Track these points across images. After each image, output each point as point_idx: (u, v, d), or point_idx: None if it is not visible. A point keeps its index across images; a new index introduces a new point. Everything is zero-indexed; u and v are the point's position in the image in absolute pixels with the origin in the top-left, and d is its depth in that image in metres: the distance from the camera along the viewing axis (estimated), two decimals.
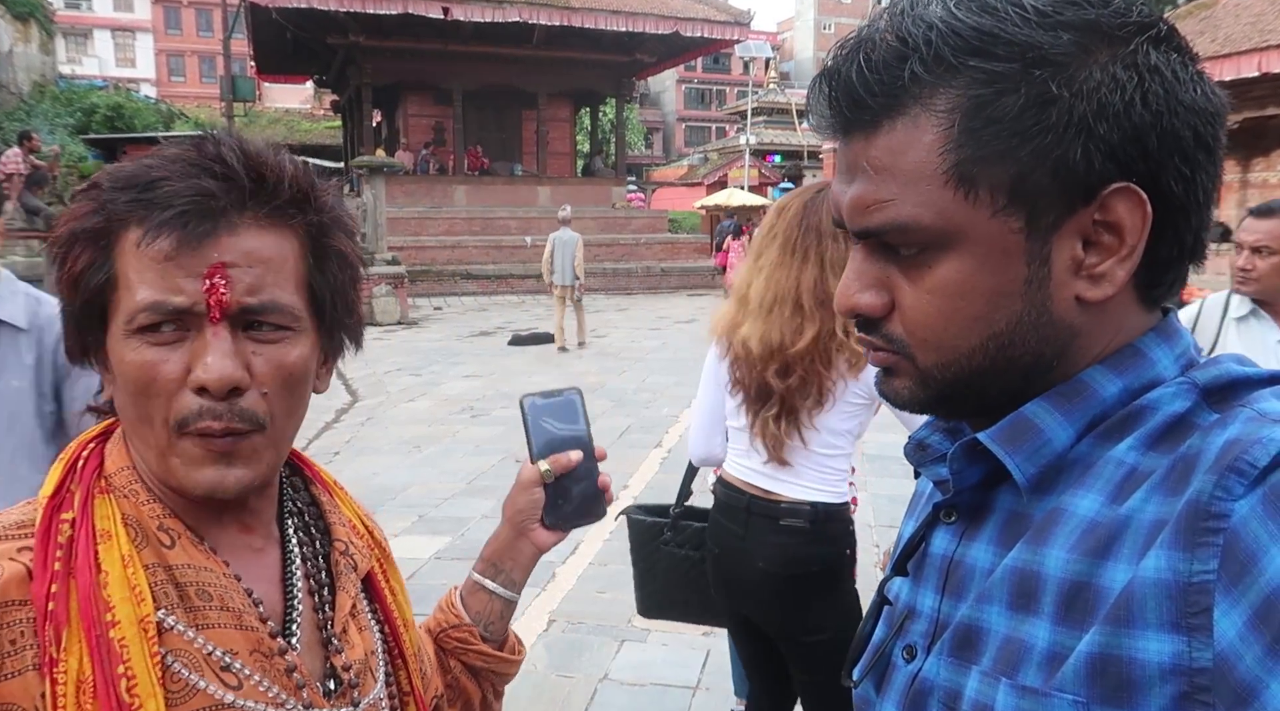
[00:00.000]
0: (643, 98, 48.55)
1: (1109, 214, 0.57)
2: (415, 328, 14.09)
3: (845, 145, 0.62)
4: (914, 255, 0.59)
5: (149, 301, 0.68)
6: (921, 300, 0.60)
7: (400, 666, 0.87)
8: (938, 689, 0.61)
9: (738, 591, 2.12)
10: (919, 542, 0.69)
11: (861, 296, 0.63)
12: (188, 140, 0.73)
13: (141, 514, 0.71)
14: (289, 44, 21.35)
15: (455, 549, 4.79)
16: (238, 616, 0.72)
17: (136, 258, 0.69)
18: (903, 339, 0.62)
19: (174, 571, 0.70)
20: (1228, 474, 0.49)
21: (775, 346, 1.95)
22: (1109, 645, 0.51)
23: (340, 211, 0.78)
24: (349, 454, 6.77)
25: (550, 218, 20.91)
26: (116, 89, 26.83)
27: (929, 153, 0.57)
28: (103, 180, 0.71)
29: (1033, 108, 0.54)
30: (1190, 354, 0.61)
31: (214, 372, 0.68)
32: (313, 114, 39.23)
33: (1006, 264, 0.58)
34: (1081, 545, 0.55)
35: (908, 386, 0.64)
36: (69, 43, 44.37)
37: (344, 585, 0.82)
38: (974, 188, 0.56)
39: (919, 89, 0.56)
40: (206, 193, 0.69)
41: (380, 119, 25.29)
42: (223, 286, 0.68)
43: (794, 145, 33.29)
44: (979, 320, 0.59)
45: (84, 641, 0.64)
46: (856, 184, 0.60)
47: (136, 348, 0.68)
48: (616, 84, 23.59)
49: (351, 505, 0.92)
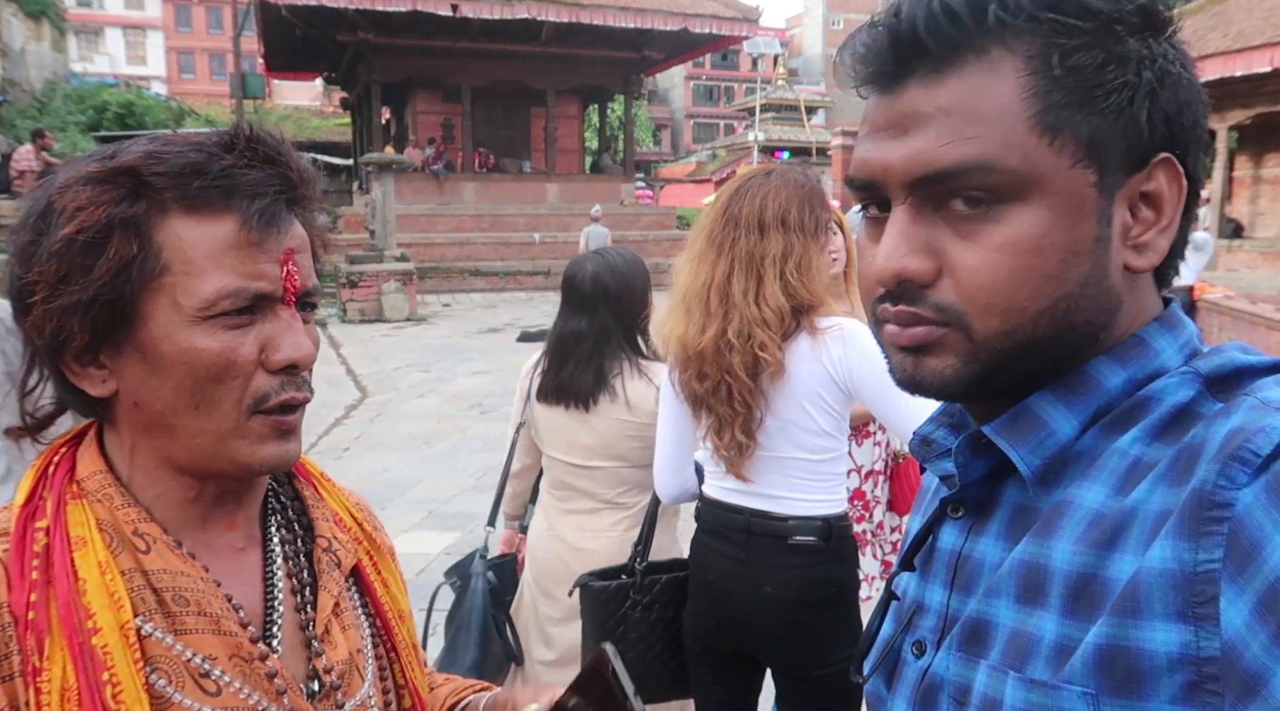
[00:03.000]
0: (651, 94, 48.51)
1: (1152, 183, 0.58)
2: (424, 324, 14.12)
3: (895, 96, 0.59)
4: (979, 210, 0.57)
5: (233, 287, 0.69)
6: (990, 259, 0.56)
7: (394, 659, 0.87)
8: (948, 683, 0.61)
9: (737, 623, 1.87)
10: (926, 537, 0.69)
11: (910, 260, 0.58)
12: (217, 130, 0.74)
13: (116, 519, 0.71)
14: (299, 41, 21.38)
15: (464, 544, 4.81)
16: (216, 621, 0.71)
17: (204, 243, 0.68)
18: (956, 306, 0.58)
19: (151, 577, 0.70)
20: (1231, 463, 0.49)
21: (689, 345, 1.83)
22: (1116, 636, 0.51)
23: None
24: (358, 450, 6.80)
25: (558, 215, 20.97)
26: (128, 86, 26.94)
27: (1012, 97, 0.56)
28: (141, 165, 0.68)
29: (1111, 63, 0.56)
30: (1194, 343, 0.61)
31: (303, 351, 0.72)
32: (322, 111, 39.31)
33: (1081, 219, 0.57)
34: (1088, 537, 0.55)
35: (950, 365, 0.59)
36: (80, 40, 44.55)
37: (326, 584, 0.82)
38: (1058, 135, 0.56)
39: (1001, 32, 0.56)
40: (285, 180, 0.72)
41: (389, 116, 25.32)
42: (296, 272, 0.72)
43: (803, 142, 33.19)
44: (1052, 279, 0.57)
45: (66, 649, 0.64)
46: (918, 133, 0.57)
47: (213, 332, 0.69)
48: (625, 81, 23.55)
49: (339, 497, 0.91)
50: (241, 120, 0.75)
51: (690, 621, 1.98)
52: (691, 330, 1.83)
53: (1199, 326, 0.65)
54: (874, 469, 2.57)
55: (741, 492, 1.87)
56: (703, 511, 1.96)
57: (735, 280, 1.80)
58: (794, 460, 1.83)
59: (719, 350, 1.80)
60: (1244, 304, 8.30)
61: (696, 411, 1.89)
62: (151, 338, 0.69)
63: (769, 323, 1.77)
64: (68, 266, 0.67)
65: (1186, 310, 0.74)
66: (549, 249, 20.04)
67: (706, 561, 1.92)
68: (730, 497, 1.89)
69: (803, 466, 1.83)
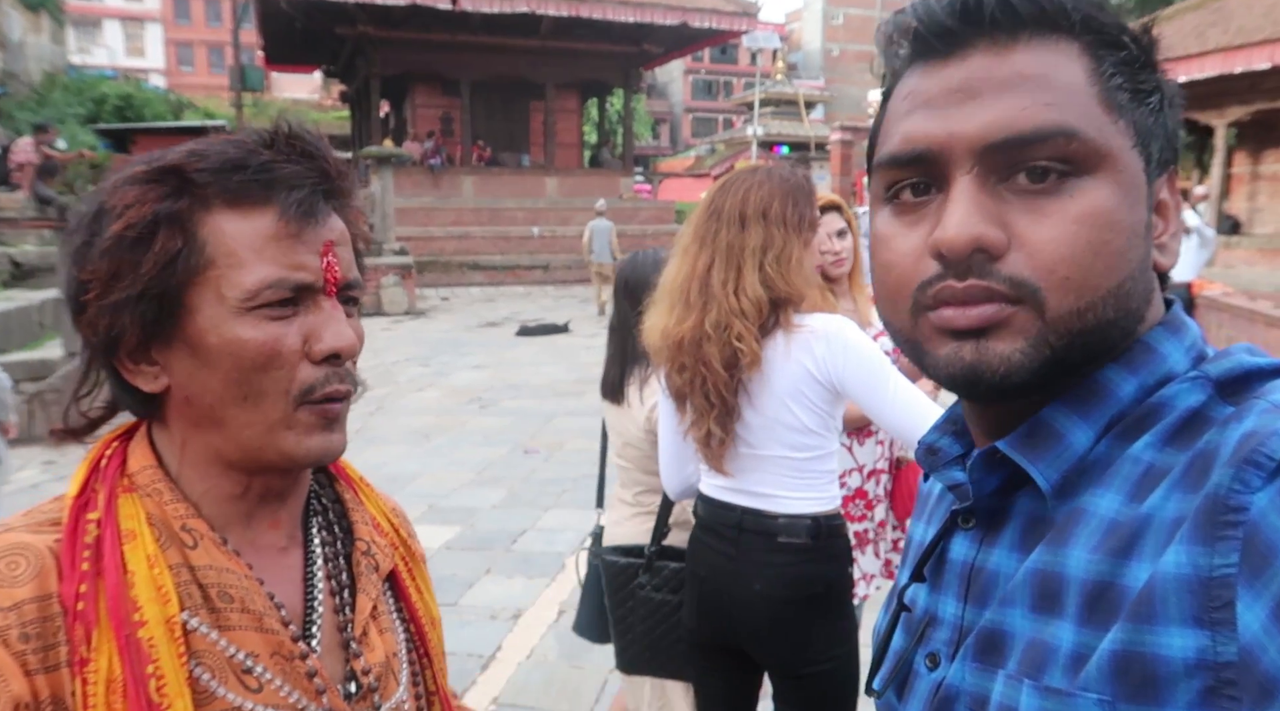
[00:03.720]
0: (650, 89, 48.38)
1: (1163, 192, 0.61)
2: (423, 318, 14.12)
3: (958, 63, 0.58)
4: (1052, 183, 0.56)
5: (275, 277, 0.70)
6: (1068, 231, 0.55)
7: (426, 666, 0.88)
8: (964, 695, 0.61)
9: (728, 618, 1.89)
10: (935, 548, 0.68)
11: (988, 228, 0.56)
12: (203, 130, 0.76)
13: (165, 514, 0.72)
14: (298, 34, 21.33)
15: (465, 539, 4.83)
16: (259, 619, 0.72)
17: (246, 236, 0.70)
18: (1031, 280, 0.55)
19: (197, 572, 0.71)
20: (1245, 467, 0.49)
21: (668, 337, 1.84)
22: (1132, 642, 0.50)
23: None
24: (359, 444, 6.81)
25: (557, 209, 20.94)
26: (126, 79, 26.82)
27: (1080, 74, 0.57)
28: (184, 163, 0.71)
29: (1146, 68, 0.60)
30: (1199, 345, 0.61)
31: (345, 340, 0.73)
32: (321, 104, 39.24)
33: (1138, 201, 0.58)
34: (1103, 545, 0.54)
35: (1018, 348, 0.56)
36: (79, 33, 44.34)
37: (364, 586, 0.83)
38: (1122, 116, 0.57)
39: (1063, 19, 0.58)
40: (322, 174, 0.73)
41: (388, 109, 25.27)
42: (336, 263, 0.74)
43: (801, 137, 33.13)
44: (1121, 257, 0.56)
45: (114, 641, 0.65)
46: (994, 98, 0.56)
47: (257, 324, 0.70)
48: (624, 75, 23.50)
49: (377, 502, 0.92)
50: (280, 119, 0.76)
51: (687, 615, 2.00)
52: (672, 321, 1.85)
53: (1198, 322, 0.66)
54: (876, 468, 2.57)
55: (734, 490, 1.88)
56: (699, 508, 1.97)
57: (715, 271, 1.81)
58: (780, 458, 1.83)
59: (696, 341, 1.80)
60: (1242, 300, 8.30)
61: (680, 405, 1.90)
62: (199, 330, 0.70)
63: (746, 314, 1.78)
64: (118, 263, 0.69)
65: (1186, 306, 0.76)
66: (548, 243, 20.02)
67: (700, 557, 1.94)
68: (723, 495, 1.90)
69: (789, 464, 1.83)
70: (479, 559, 4.55)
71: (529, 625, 3.81)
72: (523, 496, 5.55)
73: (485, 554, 4.62)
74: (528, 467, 6.14)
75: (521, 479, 5.88)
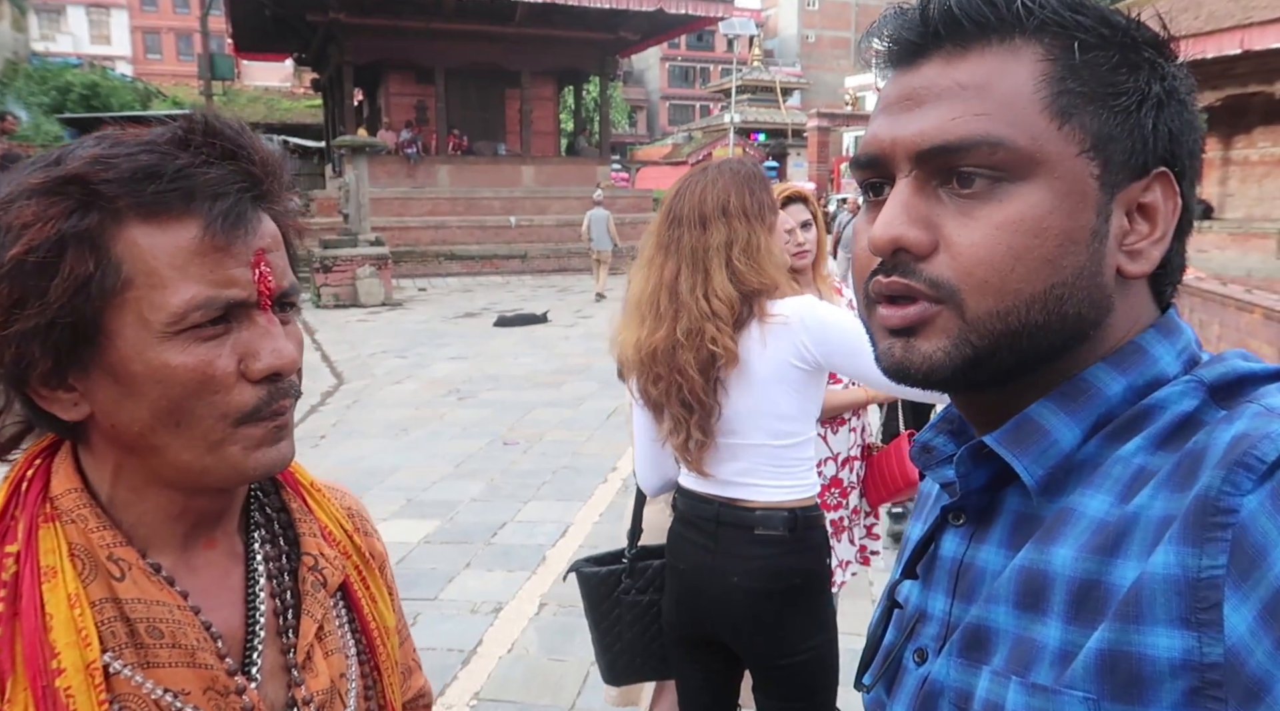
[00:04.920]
0: (626, 76, 48.19)
1: (1149, 195, 0.60)
2: (400, 309, 14.01)
3: (911, 71, 0.61)
4: (982, 188, 0.57)
5: (204, 297, 0.64)
6: (989, 236, 0.57)
7: (377, 679, 0.84)
8: (948, 690, 0.61)
9: (707, 611, 1.90)
10: (927, 545, 0.68)
11: (908, 229, 0.58)
12: (170, 121, 0.68)
13: (91, 543, 0.67)
14: (268, 21, 21.00)
15: (444, 532, 4.80)
16: (191, 654, 0.68)
17: (167, 252, 0.64)
18: (951, 282, 0.58)
19: (124, 606, 0.66)
20: (1236, 469, 0.49)
21: (642, 350, 1.83)
22: (1118, 641, 0.51)
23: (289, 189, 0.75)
24: (335, 437, 6.74)
25: (534, 198, 20.84)
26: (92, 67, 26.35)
27: (1029, 80, 0.58)
28: (88, 173, 0.63)
29: (1124, 67, 0.59)
30: (1192, 349, 0.62)
31: (286, 357, 0.68)
32: (293, 92, 38.75)
33: (1081, 208, 0.58)
34: (1090, 544, 0.54)
35: (941, 347, 0.59)
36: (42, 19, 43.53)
37: (309, 607, 0.78)
38: (1067, 121, 0.57)
39: (1027, 22, 0.58)
40: (249, 177, 0.67)
41: (362, 98, 24.99)
42: (270, 273, 0.68)
43: (778, 123, 33.16)
44: (1048, 263, 0.57)
45: (29, 691, 0.61)
46: (931, 107, 0.59)
47: (186, 347, 0.64)
48: (600, 62, 23.38)
49: (329, 507, 0.86)
50: (196, 112, 0.69)
51: (667, 608, 2.00)
52: (644, 333, 1.84)
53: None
54: (850, 455, 2.60)
55: (712, 481, 1.88)
56: (678, 500, 1.97)
57: (683, 278, 1.81)
58: (760, 446, 1.83)
59: (669, 350, 1.80)
60: (1214, 285, 8.39)
61: (656, 415, 1.90)
62: (121, 357, 0.64)
63: (718, 314, 1.78)
64: (20, 290, 0.62)
65: None
66: (525, 232, 19.92)
67: (680, 550, 1.94)
68: (701, 487, 1.90)
69: (768, 452, 1.83)
70: (458, 553, 4.52)
71: (510, 618, 3.79)
72: (502, 489, 5.52)
73: (465, 547, 4.59)
74: (507, 460, 6.10)
75: (501, 471, 5.85)
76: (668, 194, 1.89)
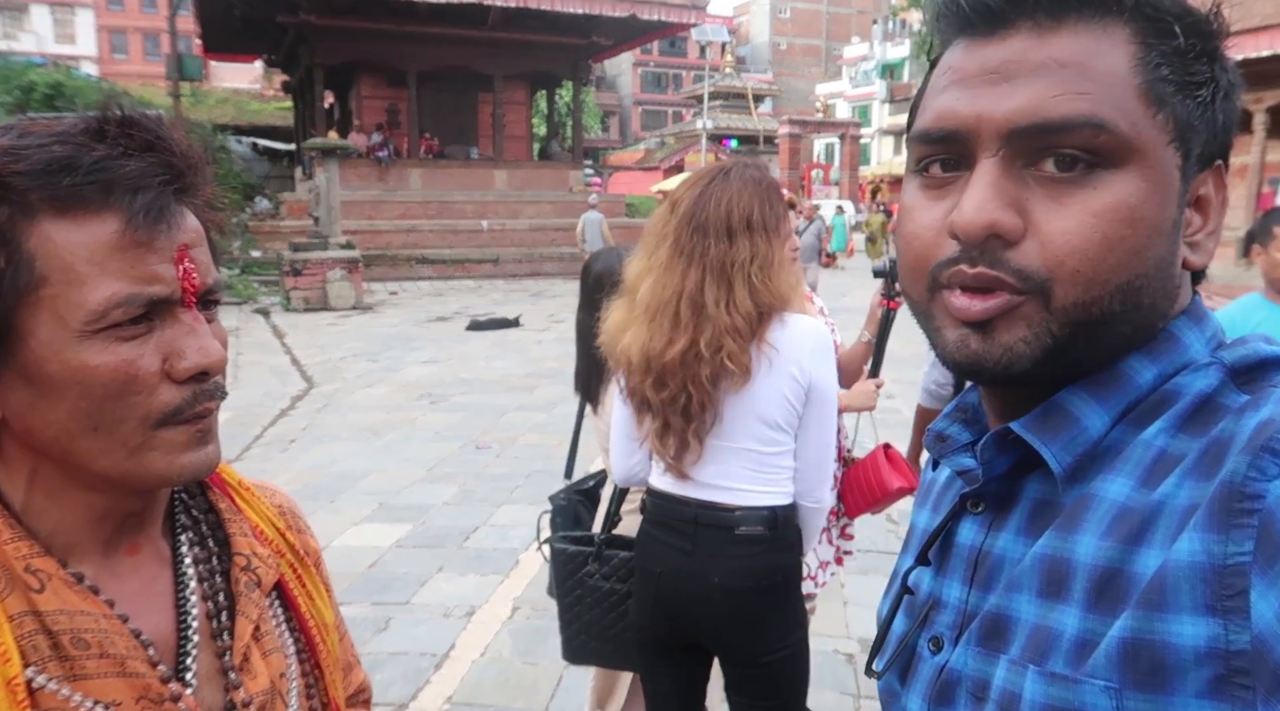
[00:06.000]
0: (599, 81, 48.26)
1: (1205, 188, 0.60)
2: (371, 312, 13.90)
3: (994, 42, 0.57)
4: (1079, 173, 0.55)
5: (125, 294, 0.61)
6: (1084, 224, 0.54)
7: (319, 677, 0.83)
8: (966, 678, 0.60)
9: (686, 613, 1.87)
10: (941, 532, 0.67)
11: (1004, 213, 0.55)
12: (80, 115, 0.66)
13: (5, 555, 0.64)
14: (237, 22, 20.78)
15: (416, 536, 4.77)
16: (121, 663, 0.65)
17: (84, 247, 0.61)
18: (1039, 271, 0.55)
19: (45, 618, 0.63)
20: (1262, 454, 0.48)
21: (652, 356, 1.81)
22: (1142, 629, 0.50)
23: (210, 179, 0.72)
24: (306, 441, 6.68)
25: (507, 202, 20.79)
26: (56, 66, 25.88)
27: (1125, 62, 0.55)
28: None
29: (1202, 57, 0.57)
30: (1219, 335, 0.61)
31: (212, 356, 0.66)
32: (262, 94, 38.30)
33: (1168, 199, 0.56)
34: (1114, 531, 0.54)
35: (1021, 338, 0.56)
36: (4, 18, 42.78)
37: (244, 608, 0.76)
38: (1161, 109, 0.56)
39: (1115, 3, 0.56)
40: (170, 169, 0.65)
41: (333, 100, 24.79)
42: (194, 269, 0.66)
43: (750, 130, 33.35)
44: (1136, 254, 0.55)
45: None
46: (1027, 81, 0.55)
47: (106, 347, 0.62)
48: (573, 67, 23.38)
49: (259, 506, 0.84)
50: (110, 102, 0.65)
51: (638, 613, 1.97)
52: (657, 341, 1.81)
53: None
54: None
55: (690, 484, 1.88)
56: (649, 503, 1.96)
57: (708, 289, 1.79)
58: (745, 450, 1.84)
59: (686, 361, 1.79)
60: None
61: (641, 414, 1.90)
62: (35, 358, 0.61)
63: (740, 330, 1.79)
64: None
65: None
66: (497, 236, 19.86)
67: (654, 553, 1.92)
68: (677, 489, 1.89)
69: (753, 457, 1.84)
70: (431, 557, 4.49)
71: (483, 622, 3.77)
72: (475, 493, 5.50)
73: (437, 551, 4.56)
74: (480, 463, 6.08)
75: (473, 475, 5.83)
76: (686, 196, 1.87)
